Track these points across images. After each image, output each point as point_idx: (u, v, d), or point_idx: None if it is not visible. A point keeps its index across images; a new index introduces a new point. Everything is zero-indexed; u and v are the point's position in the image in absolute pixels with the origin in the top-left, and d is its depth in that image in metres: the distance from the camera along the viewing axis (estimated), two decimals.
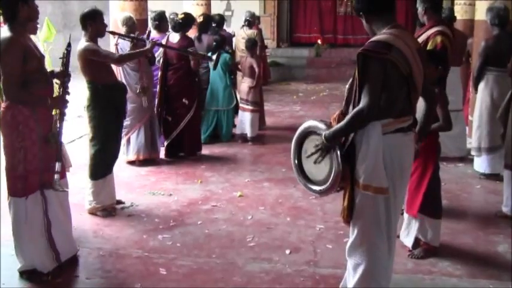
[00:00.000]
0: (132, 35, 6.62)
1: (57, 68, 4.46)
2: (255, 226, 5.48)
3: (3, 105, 4.19)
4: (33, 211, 4.27)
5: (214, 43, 8.63)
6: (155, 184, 6.78)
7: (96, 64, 5.52)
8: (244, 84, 8.85)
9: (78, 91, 5.55)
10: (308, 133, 3.71)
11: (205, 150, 8.17)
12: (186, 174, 7.17)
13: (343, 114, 3.56)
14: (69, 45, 4.41)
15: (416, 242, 4.81)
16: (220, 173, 7.25)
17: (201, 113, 8.38)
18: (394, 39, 3.38)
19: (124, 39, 6.67)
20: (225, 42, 8.82)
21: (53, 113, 4.31)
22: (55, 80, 4.46)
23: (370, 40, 3.45)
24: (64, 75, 4.39)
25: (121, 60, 6.02)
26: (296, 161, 3.79)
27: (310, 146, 3.65)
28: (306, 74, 16.57)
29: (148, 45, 6.28)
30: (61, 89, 4.37)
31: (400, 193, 3.62)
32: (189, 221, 5.61)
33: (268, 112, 10.50)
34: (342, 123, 3.44)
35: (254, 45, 8.87)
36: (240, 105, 8.96)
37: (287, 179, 6.74)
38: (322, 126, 3.57)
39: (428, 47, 5.19)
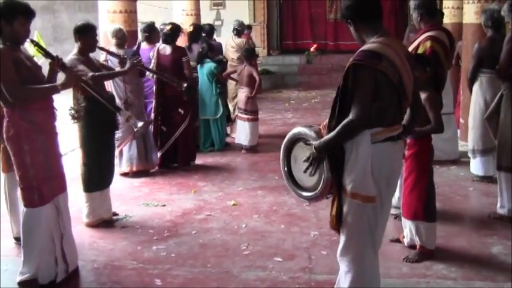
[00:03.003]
0: (119, 52, 6.64)
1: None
2: (249, 234, 5.47)
3: (5, 120, 4.23)
4: (48, 221, 4.33)
5: (200, 51, 8.64)
6: (149, 195, 6.78)
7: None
8: (242, 93, 8.84)
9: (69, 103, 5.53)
10: (297, 140, 3.70)
11: (199, 160, 8.18)
12: (179, 185, 7.17)
13: (329, 122, 3.53)
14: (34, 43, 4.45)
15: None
16: (214, 182, 7.25)
17: (195, 123, 8.41)
18: (384, 48, 3.40)
19: (112, 56, 6.67)
20: (212, 51, 8.80)
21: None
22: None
23: (360, 50, 3.45)
24: (53, 59, 4.41)
25: (95, 79, 5.49)
26: (285, 168, 3.79)
27: (299, 152, 3.65)
28: (297, 81, 16.64)
29: (126, 67, 6.23)
30: (62, 69, 4.41)
31: (387, 201, 3.62)
32: (183, 231, 5.59)
33: (261, 120, 10.27)
34: (333, 133, 3.42)
35: (252, 53, 8.93)
36: (238, 114, 8.95)
37: (281, 186, 6.70)
38: (311, 134, 3.57)
39: (418, 51, 5.19)
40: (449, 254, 4.87)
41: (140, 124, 5.69)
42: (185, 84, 7.38)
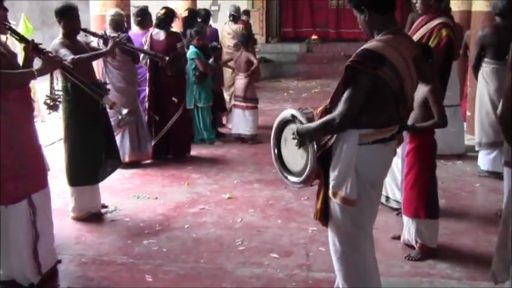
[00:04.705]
0: (101, 32, 6.65)
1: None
2: (244, 229, 5.48)
3: None
4: (18, 221, 4.18)
5: (189, 37, 8.61)
6: (140, 187, 6.78)
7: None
8: (240, 80, 8.86)
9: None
10: (288, 121, 3.70)
11: (193, 151, 8.20)
12: (172, 177, 7.18)
13: (327, 110, 3.50)
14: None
15: (415, 243, 4.82)
16: (208, 174, 7.26)
17: (190, 112, 8.45)
18: (389, 49, 3.31)
19: (94, 36, 6.69)
20: (202, 36, 8.71)
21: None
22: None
23: (362, 48, 3.36)
24: (28, 43, 4.33)
25: (76, 63, 5.40)
26: (275, 149, 3.82)
27: (289, 133, 3.65)
28: (296, 71, 16.63)
29: (109, 46, 6.21)
30: (37, 54, 4.32)
31: (376, 201, 3.63)
32: (175, 225, 5.59)
33: (258, 110, 10.39)
34: (314, 124, 3.43)
35: (249, 39, 8.95)
36: (236, 103, 8.96)
37: (278, 179, 6.52)
38: (301, 118, 3.55)
39: (431, 41, 5.10)
40: (453, 253, 4.87)
41: (125, 111, 5.59)
42: (167, 58, 7.32)
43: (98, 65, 7.00)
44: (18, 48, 6.69)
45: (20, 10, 4.25)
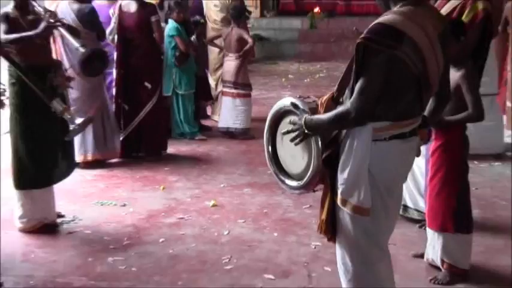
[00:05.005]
0: (42, 5, 6.48)
1: None
2: (233, 244, 5.47)
3: None
4: None
5: (167, 10, 8.72)
6: (105, 192, 6.81)
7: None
8: (230, 62, 8.91)
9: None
10: (286, 112, 3.67)
11: (170, 148, 8.27)
12: (145, 179, 7.22)
13: (334, 99, 3.51)
14: None
15: (441, 264, 4.78)
16: (189, 176, 7.30)
17: (166, 101, 8.52)
18: (409, 24, 3.27)
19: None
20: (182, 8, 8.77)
21: None
22: None
23: (377, 22, 3.31)
24: None
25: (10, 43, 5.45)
26: (270, 147, 3.82)
27: (287, 128, 3.60)
28: (297, 51, 16.73)
29: (39, 28, 6.07)
30: None
31: (393, 211, 3.61)
32: (148, 239, 5.58)
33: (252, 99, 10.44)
34: (325, 117, 3.40)
35: (242, 12, 9.01)
36: (224, 90, 9.02)
37: (274, 183, 6.50)
38: (304, 108, 3.54)
39: (465, 16, 5.05)
40: (489, 275, 4.84)
41: (79, 121, 5.56)
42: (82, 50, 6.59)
43: (54, 42, 6.95)
44: None
45: None
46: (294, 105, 3.59)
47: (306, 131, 3.43)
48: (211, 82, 9.90)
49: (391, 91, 3.30)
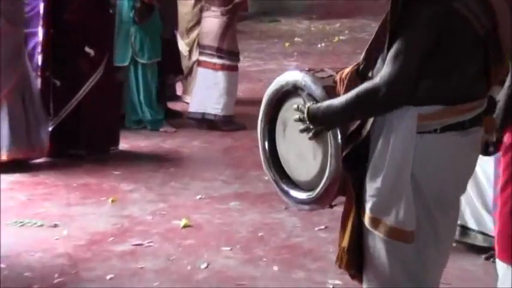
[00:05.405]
0: None
1: None
2: (213, 282, 5.33)
3: None
4: None
5: None
6: (27, 206, 6.72)
7: None
8: (212, 19, 8.82)
9: None
10: (290, 93, 3.59)
11: (124, 143, 8.38)
12: (85, 188, 7.16)
13: (360, 73, 3.40)
14: None
15: None
16: (150, 184, 7.29)
17: (118, 75, 8.58)
18: None
19: None
20: None
21: None
22: None
23: None
24: None
25: None
26: (267, 143, 3.75)
27: (290, 115, 3.51)
28: (307, 4, 17.18)
29: None
30: None
31: (447, 235, 3.50)
32: (89, 275, 5.41)
33: (240, 73, 10.56)
34: (342, 100, 3.27)
35: None
36: (201, 59, 9.03)
37: (273, 194, 6.08)
38: (317, 89, 3.41)
39: None
40: None
41: None
42: None
43: None
44: None
45: None
46: (298, 83, 3.50)
47: (311, 125, 3.38)
48: (183, 48, 9.83)
49: (443, 60, 3.22)
